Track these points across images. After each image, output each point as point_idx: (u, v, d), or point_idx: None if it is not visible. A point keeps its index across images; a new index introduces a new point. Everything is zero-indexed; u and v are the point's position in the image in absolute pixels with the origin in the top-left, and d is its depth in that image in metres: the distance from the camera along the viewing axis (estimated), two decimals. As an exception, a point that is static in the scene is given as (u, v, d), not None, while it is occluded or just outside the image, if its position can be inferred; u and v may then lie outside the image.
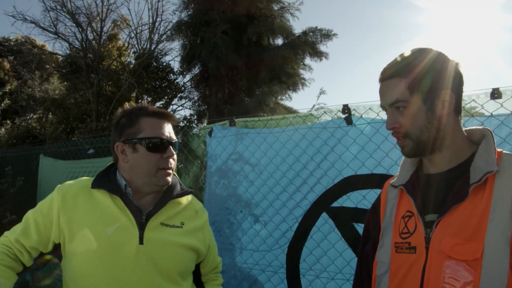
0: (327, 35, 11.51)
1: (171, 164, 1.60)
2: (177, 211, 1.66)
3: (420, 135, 1.25)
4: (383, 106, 1.32)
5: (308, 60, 11.94)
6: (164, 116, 1.62)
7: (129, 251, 1.49)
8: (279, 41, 11.90)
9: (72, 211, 1.52)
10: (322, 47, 11.68)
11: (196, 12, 11.42)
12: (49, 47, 14.37)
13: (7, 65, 15.45)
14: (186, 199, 1.74)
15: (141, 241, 1.51)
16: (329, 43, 11.75)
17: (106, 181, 1.59)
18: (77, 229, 1.49)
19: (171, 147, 1.59)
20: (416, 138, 1.26)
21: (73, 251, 1.50)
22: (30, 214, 1.57)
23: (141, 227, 1.53)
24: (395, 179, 1.43)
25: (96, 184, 1.57)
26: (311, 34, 11.55)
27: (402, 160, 1.44)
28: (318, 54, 11.67)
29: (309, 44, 11.42)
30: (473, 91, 2.34)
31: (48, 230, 1.53)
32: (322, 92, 10.62)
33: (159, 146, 1.57)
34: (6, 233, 1.58)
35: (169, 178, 1.60)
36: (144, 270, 1.50)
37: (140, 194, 1.61)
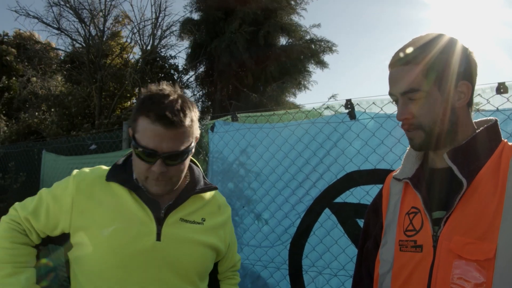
0: (330, 48, 11.61)
1: (162, 177, 1.36)
2: (198, 206, 1.53)
3: (434, 127, 1.16)
4: (393, 95, 1.22)
5: (311, 65, 12.07)
6: (161, 122, 1.29)
7: (144, 247, 1.38)
8: (288, 40, 11.97)
9: (86, 201, 1.42)
10: (325, 58, 11.85)
11: (209, 8, 11.39)
12: (50, 42, 14.37)
13: (14, 51, 15.31)
14: (209, 194, 1.60)
15: (158, 237, 1.39)
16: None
17: (121, 172, 1.46)
18: (90, 221, 1.39)
19: (161, 161, 1.32)
20: (429, 130, 1.17)
21: (84, 243, 1.40)
22: (44, 194, 1.47)
23: (159, 222, 1.41)
24: (397, 172, 1.35)
25: (110, 176, 1.45)
26: (317, 43, 11.63)
27: (406, 152, 1.35)
28: (321, 63, 11.79)
29: (313, 52, 11.51)
30: (478, 85, 2.30)
31: (57, 216, 1.42)
32: (333, 97, 10.85)
33: (146, 156, 1.33)
34: (16, 205, 1.48)
35: (161, 188, 1.39)
36: (159, 268, 1.40)
37: None
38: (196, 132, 1.43)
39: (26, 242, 1.43)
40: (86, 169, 1.53)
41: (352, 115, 2.70)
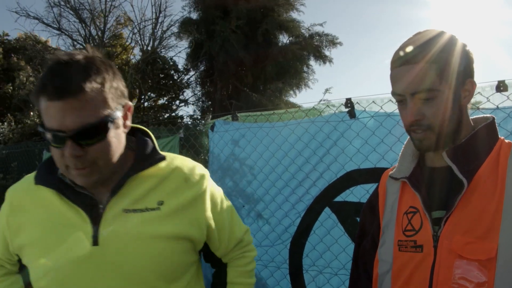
0: (333, 41, 11.55)
1: (80, 164, 1.05)
2: (150, 186, 1.19)
3: (444, 127, 1.12)
4: (399, 94, 1.16)
5: (312, 62, 12.04)
6: (57, 94, 1.00)
7: (78, 256, 1.11)
8: (287, 38, 11.95)
9: (19, 217, 1.21)
10: (327, 52, 11.78)
11: (208, 7, 11.38)
12: (51, 43, 14.36)
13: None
14: (166, 167, 1.24)
15: (95, 241, 1.11)
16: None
17: (47, 172, 1.21)
18: (25, 238, 1.19)
19: (72, 141, 1.02)
20: (439, 130, 1.13)
21: (26, 264, 1.22)
22: None
23: (96, 221, 1.13)
24: (394, 170, 1.32)
25: (37, 179, 1.21)
26: (317, 38, 11.58)
27: (402, 150, 1.32)
28: (323, 58, 11.73)
29: (315, 47, 11.46)
30: (478, 83, 2.29)
31: (5, 239, 1.26)
32: (328, 90, 10.82)
33: (54, 140, 1.05)
34: None
35: (87, 177, 1.08)
36: (103, 279, 1.12)
37: None
38: (118, 100, 1.11)
39: (5, 273, 1.34)
40: (19, 182, 1.31)
41: (352, 113, 2.70)
